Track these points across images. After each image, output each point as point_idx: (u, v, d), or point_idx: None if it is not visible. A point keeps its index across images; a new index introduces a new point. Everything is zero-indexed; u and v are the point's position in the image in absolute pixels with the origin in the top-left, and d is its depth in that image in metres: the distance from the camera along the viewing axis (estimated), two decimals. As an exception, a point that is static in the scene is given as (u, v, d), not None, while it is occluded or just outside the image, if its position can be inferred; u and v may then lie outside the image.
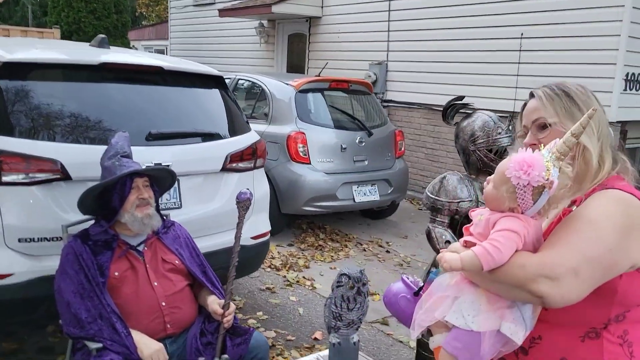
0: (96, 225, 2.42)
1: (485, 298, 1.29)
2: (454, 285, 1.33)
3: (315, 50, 10.21)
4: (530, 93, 1.47)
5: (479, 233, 1.31)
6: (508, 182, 1.24)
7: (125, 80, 3.14)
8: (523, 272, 1.21)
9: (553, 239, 1.25)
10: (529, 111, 1.43)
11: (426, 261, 5.44)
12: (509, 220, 1.25)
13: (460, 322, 1.29)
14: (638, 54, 6.34)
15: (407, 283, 1.68)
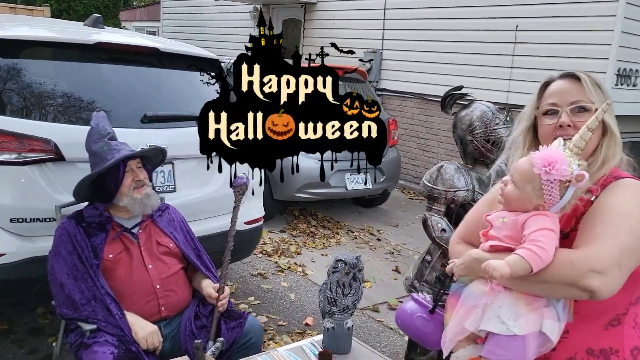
0: (91, 207, 2.40)
1: (523, 300, 1.28)
2: (489, 293, 1.31)
3: (309, 36, 10.15)
4: (563, 74, 1.46)
5: (506, 236, 1.30)
6: (534, 180, 1.25)
7: (120, 61, 3.10)
8: (572, 269, 1.21)
9: (591, 233, 1.25)
10: (567, 90, 1.41)
11: (417, 250, 5.50)
12: (540, 219, 1.25)
13: (500, 328, 1.27)
14: (630, 49, 6.38)
15: (420, 301, 1.63)
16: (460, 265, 1.39)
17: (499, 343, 1.28)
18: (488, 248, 1.33)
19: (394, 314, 4.02)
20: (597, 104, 1.36)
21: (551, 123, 1.41)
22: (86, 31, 3.25)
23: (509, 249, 1.29)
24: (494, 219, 1.36)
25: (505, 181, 1.34)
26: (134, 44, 3.18)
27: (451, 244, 1.68)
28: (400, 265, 5.07)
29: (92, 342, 2.10)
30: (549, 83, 1.48)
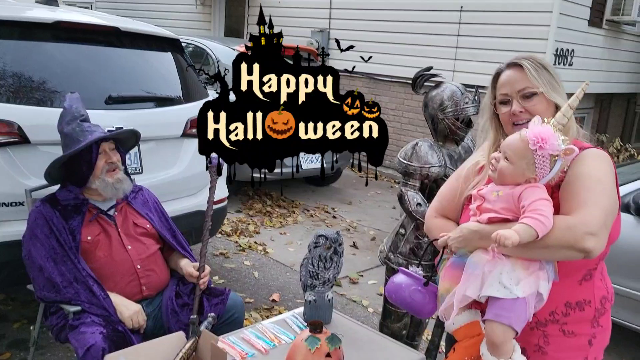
0: (64, 190, 2.37)
1: (521, 265, 1.40)
2: (491, 261, 1.41)
3: (255, 15, 10.02)
4: (509, 63, 1.59)
5: (503, 208, 1.42)
6: (527, 156, 1.38)
7: (80, 41, 3.03)
8: (571, 233, 1.35)
9: (577, 200, 1.39)
10: (514, 80, 1.55)
11: (372, 226, 5.68)
12: (535, 190, 1.38)
13: (504, 292, 1.38)
14: (568, 30, 6.75)
15: (413, 275, 1.67)
16: (457, 238, 1.49)
17: (504, 306, 1.39)
18: (487, 220, 1.44)
19: (355, 287, 4.21)
20: (542, 87, 1.51)
21: (506, 111, 1.56)
22: (42, 9, 3.13)
23: (505, 219, 1.41)
24: (487, 193, 1.47)
25: (496, 157, 1.45)
26: (95, 23, 3.10)
27: (428, 218, 1.79)
28: (357, 241, 5.22)
29: (79, 323, 2.10)
30: (499, 74, 1.61)
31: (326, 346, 1.75)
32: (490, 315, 1.41)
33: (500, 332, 1.40)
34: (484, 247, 1.43)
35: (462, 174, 1.72)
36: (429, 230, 1.78)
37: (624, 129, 9.26)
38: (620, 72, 8.36)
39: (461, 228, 1.50)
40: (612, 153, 7.14)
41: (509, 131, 1.57)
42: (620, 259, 3.29)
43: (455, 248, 1.49)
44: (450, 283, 1.50)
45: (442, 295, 1.54)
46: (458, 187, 1.70)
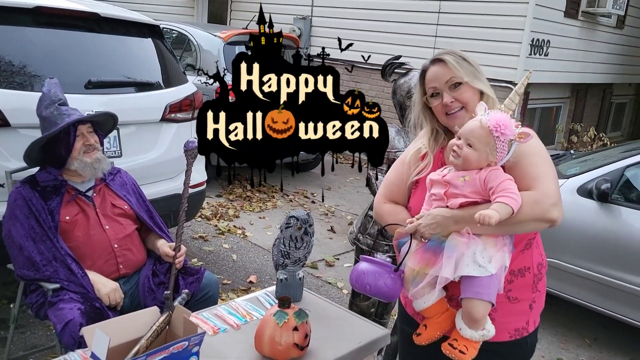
0: (44, 172, 2.44)
1: (490, 243, 1.51)
2: (466, 242, 1.50)
3: (238, 1, 10.03)
4: (432, 60, 1.70)
5: (472, 192, 1.52)
6: (490, 142, 1.50)
7: (60, 26, 3.07)
8: (539, 206, 1.49)
9: (532, 175, 1.54)
10: (439, 74, 1.66)
11: (349, 211, 5.79)
12: (498, 172, 1.51)
13: (480, 271, 1.48)
14: (543, 21, 6.88)
15: (382, 263, 1.67)
16: (430, 224, 1.56)
17: (481, 284, 1.49)
18: (458, 205, 1.54)
19: (331, 270, 4.34)
20: (465, 76, 1.63)
21: (438, 103, 1.67)
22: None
23: (474, 202, 1.52)
24: (452, 179, 1.56)
25: (458, 144, 1.54)
26: (75, 9, 3.14)
27: (377, 204, 1.86)
28: (335, 225, 5.34)
29: (57, 300, 2.18)
30: (425, 70, 1.71)
31: (294, 320, 1.86)
32: (471, 294, 1.50)
33: (481, 308, 1.51)
34: (457, 231, 1.53)
35: (405, 161, 1.80)
36: (380, 216, 1.86)
37: (599, 119, 9.46)
38: (596, 63, 8.53)
39: (433, 215, 1.56)
40: (586, 142, 7.32)
41: (444, 121, 1.69)
42: (583, 243, 3.46)
43: (429, 234, 1.56)
44: (423, 266, 1.56)
45: (413, 278, 1.60)
46: (404, 173, 1.79)
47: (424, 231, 1.57)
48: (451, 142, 1.59)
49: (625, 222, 3.34)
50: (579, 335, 3.75)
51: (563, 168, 3.89)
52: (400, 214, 1.77)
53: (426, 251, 1.58)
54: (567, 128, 8.27)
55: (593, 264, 3.44)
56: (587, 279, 3.48)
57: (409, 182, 1.78)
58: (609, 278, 3.38)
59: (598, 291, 3.48)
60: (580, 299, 3.58)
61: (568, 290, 3.60)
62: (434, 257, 1.55)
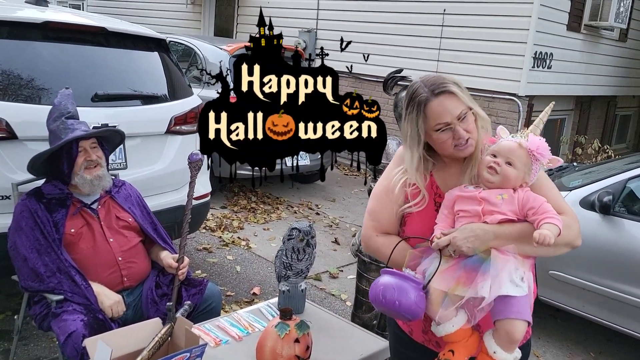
0: (49, 184, 2.47)
1: (521, 262, 1.51)
2: (504, 260, 1.49)
3: (244, 14, 10.14)
4: (436, 92, 1.56)
5: (511, 210, 1.53)
6: (528, 163, 1.55)
7: (68, 40, 3.13)
8: (572, 231, 1.54)
9: (558, 200, 1.59)
10: (451, 107, 1.55)
11: (354, 222, 5.80)
12: (533, 194, 1.55)
13: (517, 290, 1.45)
14: (546, 34, 6.92)
15: (411, 278, 1.54)
16: (468, 238, 1.49)
17: (520, 303, 1.47)
18: (498, 221, 1.52)
19: (335, 282, 4.34)
20: (471, 103, 1.58)
21: (448, 137, 1.57)
22: (31, 10, 3.22)
23: (510, 220, 1.53)
24: (490, 196, 1.55)
25: (497, 162, 1.54)
26: (82, 23, 3.20)
27: (368, 239, 1.76)
28: (339, 237, 5.35)
29: (61, 311, 2.20)
30: (426, 103, 1.56)
31: (295, 332, 1.87)
32: (512, 314, 1.46)
33: (522, 328, 1.49)
34: (495, 247, 1.49)
35: (390, 190, 1.70)
36: (376, 250, 1.78)
37: (604, 131, 9.45)
38: (600, 76, 8.54)
39: (470, 228, 1.51)
40: (591, 154, 7.31)
41: (450, 152, 1.61)
42: (586, 255, 3.45)
43: (466, 248, 1.49)
44: (454, 286, 1.48)
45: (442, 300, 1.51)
46: (391, 204, 1.71)
47: (460, 244, 1.48)
48: (485, 159, 1.57)
49: (628, 234, 3.33)
50: (584, 349, 3.73)
51: (566, 180, 3.89)
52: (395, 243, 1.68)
53: (460, 269, 1.50)
54: (571, 140, 8.27)
55: (597, 277, 3.43)
56: (591, 292, 3.47)
57: (400, 212, 1.71)
58: (613, 291, 3.37)
59: (602, 304, 3.46)
60: (585, 312, 3.56)
61: (573, 304, 3.59)
62: (468, 276, 1.48)
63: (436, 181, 1.69)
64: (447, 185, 1.66)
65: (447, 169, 1.69)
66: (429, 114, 1.57)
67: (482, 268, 1.47)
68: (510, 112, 6.96)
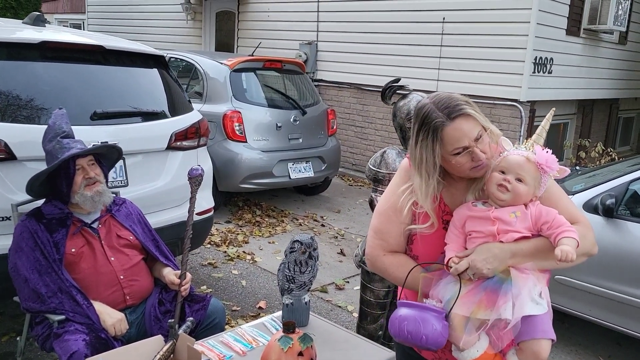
0: (49, 204, 2.47)
1: (539, 278, 1.50)
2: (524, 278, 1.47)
3: (244, 28, 10.20)
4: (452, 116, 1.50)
5: (525, 227, 1.51)
6: (538, 176, 1.53)
7: (66, 60, 3.14)
8: (587, 241, 1.53)
9: (568, 208, 1.59)
10: (468, 130, 1.50)
11: (359, 233, 5.78)
12: (545, 207, 1.53)
13: (538, 308, 1.44)
14: (546, 39, 6.92)
15: (432, 308, 1.50)
16: (486, 259, 1.47)
17: (544, 321, 1.46)
18: (514, 240, 1.50)
19: (341, 293, 4.32)
20: (486, 123, 1.53)
21: (467, 161, 1.52)
22: (28, 30, 3.25)
23: (524, 237, 1.51)
24: (503, 215, 1.52)
25: (507, 179, 1.50)
26: (80, 42, 3.22)
27: (376, 258, 1.71)
28: (345, 248, 5.32)
29: (63, 331, 2.19)
30: (442, 128, 1.51)
31: (298, 345, 1.85)
32: (538, 334, 1.45)
33: (548, 347, 1.47)
34: (513, 266, 1.47)
35: (398, 210, 1.66)
36: (384, 270, 1.73)
37: (607, 134, 9.41)
38: (601, 79, 8.52)
39: (487, 247, 1.48)
40: (595, 157, 7.27)
41: (467, 174, 1.57)
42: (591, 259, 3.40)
43: (487, 270, 1.46)
44: (476, 310, 1.46)
45: (464, 325, 1.48)
46: (399, 222, 1.67)
47: (480, 267, 1.46)
48: (494, 177, 1.52)
49: (632, 237, 3.30)
50: (593, 354, 3.68)
51: (569, 184, 3.86)
52: (406, 263, 1.65)
53: (480, 292, 1.47)
54: (575, 144, 8.24)
55: (603, 280, 3.40)
56: (597, 296, 3.43)
57: (407, 231, 1.67)
58: (619, 294, 3.33)
59: (610, 308, 3.42)
60: (592, 316, 3.52)
61: (580, 308, 3.55)
62: (489, 298, 1.45)
63: (444, 199, 1.64)
64: (454, 202, 1.63)
65: (454, 185, 1.66)
66: (446, 139, 1.51)
67: (502, 289, 1.45)
68: (512, 117, 6.94)
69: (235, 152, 5.72)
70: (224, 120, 5.71)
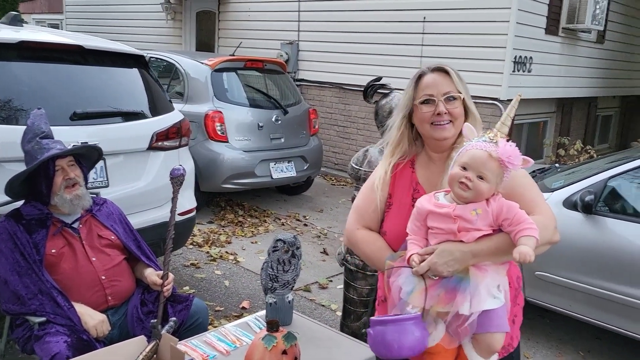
0: (28, 205, 2.43)
1: (497, 270, 1.51)
2: (482, 275, 1.49)
3: (225, 28, 10.16)
4: (434, 68, 1.68)
5: (486, 224, 1.50)
6: (500, 172, 1.50)
7: (45, 60, 3.10)
8: (547, 231, 1.54)
9: (529, 199, 1.58)
10: (440, 83, 1.64)
11: (342, 232, 5.78)
12: (507, 203, 1.51)
13: (495, 302, 1.47)
14: (525, 38, 7.00)
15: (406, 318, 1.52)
16: (447, 262, 1.49)
17: (499, 315, 1.47)
18: (476, 239, 1.50)
19: (324, 292, 4.33)
20: (464, 93, 1.64)
21: (428, 110, 1.63)
22: (5, 30, 3.20)
23: (486, 235, 1.50)
24: (464, 213, 1.50)
25: (468, 177, 1.49)
26: (59, 42, 3.18)
27: (350, 232, 1.81)
28: (328, 247, 5.33)
29: (43, 333, 2.16)
30: (422, 76, 1.68)
31: (282, 344, 1.85)
32: (493, 328, 1.48)
33: (501, 339, 1.50)
34: (474, 265, 1.49)
35: (374, 186, 1.77)
36: (355, 243, 1.81)
37: (586, 132, 9.56)
38: (580, 78, 8.65)
39: (448, 251, 1.49)
40: (574, 155, 7.38)
41: (427, 130, 1.66)
42: (571, 255, 3.47)
43: (447, 272, 1.49)
44: (435, 304, 1.50)
45: (424, 318, 1.53)
46: (374, 199, 1.76)
47: (441, 270, 1.49)
48: (456, 173, 1.52)
49: (610, 233, 3.36)
50: (573, 349, 3.74)
51: (548, 181, 3.92)
52: (376, 241, 1.75)
53: (439, 289, 1.50)
54: (554, 142, 8.35)
55: (582, 276, 3.45)
56: (577, 291, 3.48)
57: (382, 206, 1.76)
58: (598, 289, 3.38)
59: (589, 303, 3.48)
60: (572, 311, 3.58)
61: (560, 303, 3.60)
62: (448, 295, 1.49)
63: (417, 177, 1.72)
64: (429, 183, 1.70)
65: (431, 166, 1.72)
66: (420, 85, 1.67)
67: (461, 287, 1.48)
68: (493, 116, 7.01)
69: (217, 152, 5.70)
70: (206, 120, 5.68)
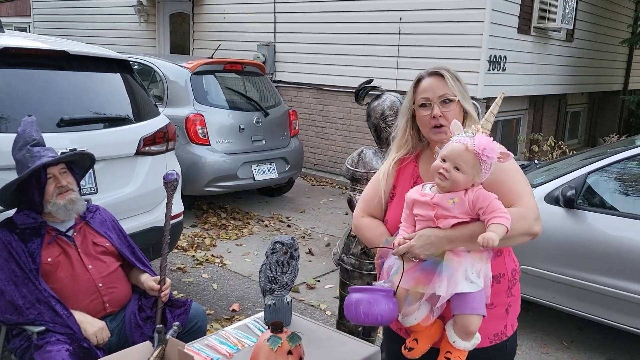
0: (21, 214, 2.41)
1: (477, 258, 1.58)
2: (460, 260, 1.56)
3: (200, 30, 10.09)
4: (430, 72, 1.77)
5: (462, 212, 1.58)
6: (476, 164, 1.56)
7: (29, 66, 3.06)
8: (525, 221, 1.59)
9: (513, 191, 1.64)
10: (435, 87, 1.73)
11: (326, 232, 5.83)
12: (484, 193, 1.58)
13: (472, 287, 1.55)
14: (499, 38, 7.16)
15: (379, 289, 1.66)
16: (424, 245, 1.59)
17: (475, 299, 1.56)
18: (451, 226, 1.59)
19: (313, 292, 4.36)
20: (458, 95, 1.72)
21: (426, 114, 1.73)
22: (-14, 36, 3.15)
23: (462, 222, 1.59)
24: (442, 201, 1.60)
25: (445, 167, 1.58)
26: (42, 48, 3.14)
27: (356, 218, 1.94)
28: (313, 247, 5.37)
29: (44, 342, 2.15)
30: (420, 80, 1.78)
31: (287, 344, 1.88)
32: (467, 310, 1.57)
33: (477, 321, 1.59)
34: (450, 250, 1.58)
35: (379, 177, 1.90)
36: (358, 229, 1.95)
37: (557, 128, 9.81)
38: (551, 75, 8.87)
39: (426, 236, 1.60)
40: (547, 150, 7.57)
41: (427, 133, 1.76)
42: (553, 248, 3.58)
43: (424, 255, 1.60)
44: (415, 285, 1.61)
45: (405, 298, 1.64)
46: (379, 189, 1.88)
47: (418, 252, 1.60)
48: (436, 164, 1.62)
49: (591, 226, 3.48)
50: (557, 339, 3.85)
51: (529, 178, 4.03)
52: (378, 227, 1.86)
53: (418, 271, 1.62)
54: (527, 138, 8.55)
55: (565, 268, 3.56)
56: (560, 284, 3.60)
57: (386, 197, 1.87)
58: (580, 281, 3.50)
59: (571, 295, 3.59)
60: (555, 303, 3.69)
61: (543, 296, 3.71)
62: (426, 277, 1.60)
63: (419, 170, 1.82)
64: (429, 176, 1.76)
65: (432, 161, 1.75)
66: (418, 90, 1.77)
67: (437, 270, 1.58)
68: (469, 114, 7.15)
69: (199, 156, 5.68)
70: (187, 124, 5.66)
